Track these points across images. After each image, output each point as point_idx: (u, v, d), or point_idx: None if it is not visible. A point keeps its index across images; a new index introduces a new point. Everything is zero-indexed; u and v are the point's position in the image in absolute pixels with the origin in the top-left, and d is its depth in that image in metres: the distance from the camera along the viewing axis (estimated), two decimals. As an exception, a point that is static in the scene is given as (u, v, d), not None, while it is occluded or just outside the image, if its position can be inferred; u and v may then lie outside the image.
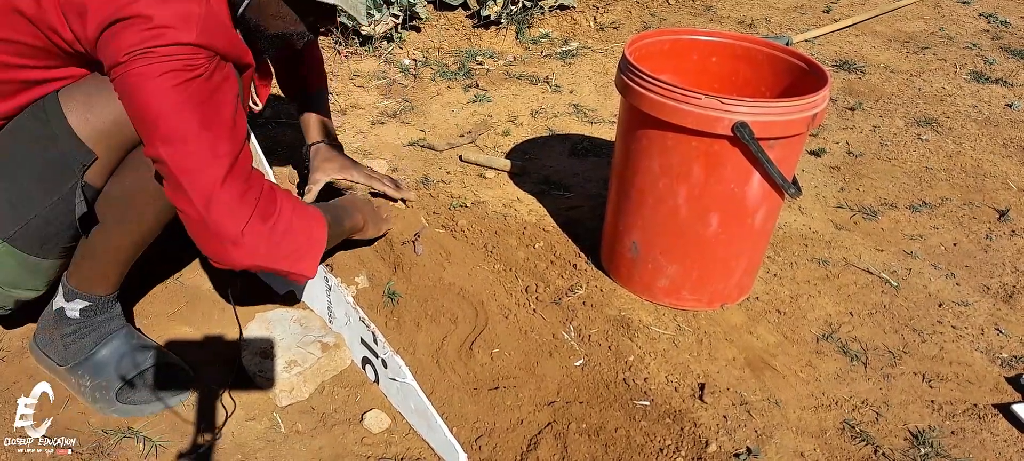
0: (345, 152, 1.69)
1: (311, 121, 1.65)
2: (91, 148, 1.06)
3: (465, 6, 3.03)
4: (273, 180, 1.36)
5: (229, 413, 1.20)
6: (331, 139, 1.66)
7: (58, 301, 1.20)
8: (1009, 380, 1.39)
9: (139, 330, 1.32)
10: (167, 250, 1.56)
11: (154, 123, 0.98)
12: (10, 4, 0.99)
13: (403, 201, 1.67)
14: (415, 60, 2.76)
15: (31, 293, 1.17)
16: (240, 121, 1.07)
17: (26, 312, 1.36)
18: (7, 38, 1.02)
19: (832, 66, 2.88)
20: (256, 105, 1.39)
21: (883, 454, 1.22)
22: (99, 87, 1.05)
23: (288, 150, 2.07)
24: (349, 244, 1.50)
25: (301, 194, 1.64)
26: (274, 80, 1.56)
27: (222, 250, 1.06)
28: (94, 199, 1.10)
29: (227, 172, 1.03)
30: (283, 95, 1.71)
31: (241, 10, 1.12)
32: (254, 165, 1.12)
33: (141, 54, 0.95)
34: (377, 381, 1.28)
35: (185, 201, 1.03)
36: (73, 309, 1.19)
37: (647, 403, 1.30)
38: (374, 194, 1.64)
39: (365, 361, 1.29)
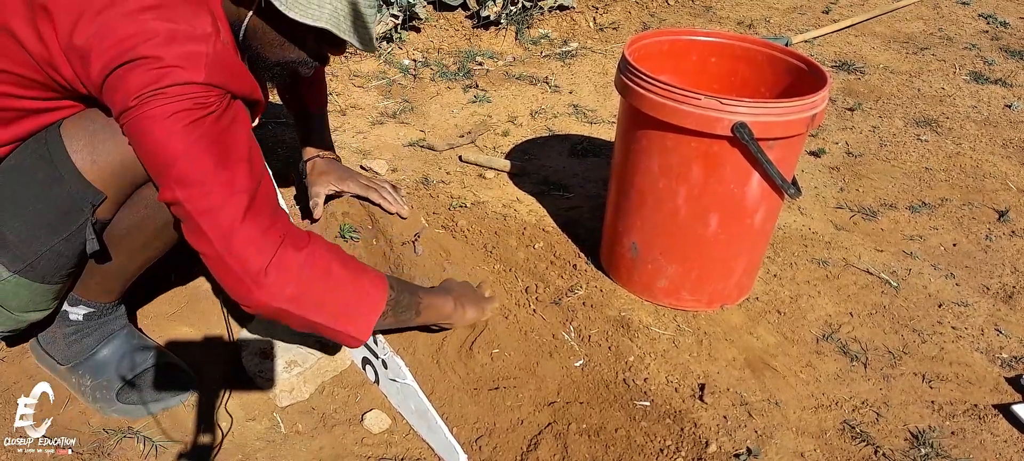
0: (343, 161, 1.66)
1: (309, 138, 1.63)
2: (100, 189, 1.04)
3: (465, 6, 3.04)
4: (286, 209, 1.34)
5: (224, 432, 1.20)
6: (327, 152, 1.63)
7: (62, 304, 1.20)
8: (1009, 380, 1.39)
9: (140, 330, 1.32)
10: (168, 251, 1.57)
11: (168, 166, 0.96)
12: (12, 37, 0.97)
13: (399, 216, 1.62)
14: (415, 60, 2.76)
15: (42, 313, 1.16)
16: (256, 157, 1.04)
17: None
18: (6, 69, 1.00)
19: (831, 67, 2.89)
20: (252, 122, 1.38)
21: (883, 454, 1.22)
22: (103, 126, 1.03)
23: (288, 149, 2.07)
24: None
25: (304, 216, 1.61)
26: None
27: (246, 290, 1.01)
28: (103, 230, 1.09)
29: (247, 207, 0.99)
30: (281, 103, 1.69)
31: (241, 36, 1.10)
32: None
33: (150, 96, 0.93)
34: (377, 381, 1.28)
35: (205, 243, 0.99)
36: (76, 313, 1.20)
37: (647, 403, 1.30)
38: (361, 198, 1.59)
39: (365, 361, 1.29)
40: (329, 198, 1.58)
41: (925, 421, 1.30)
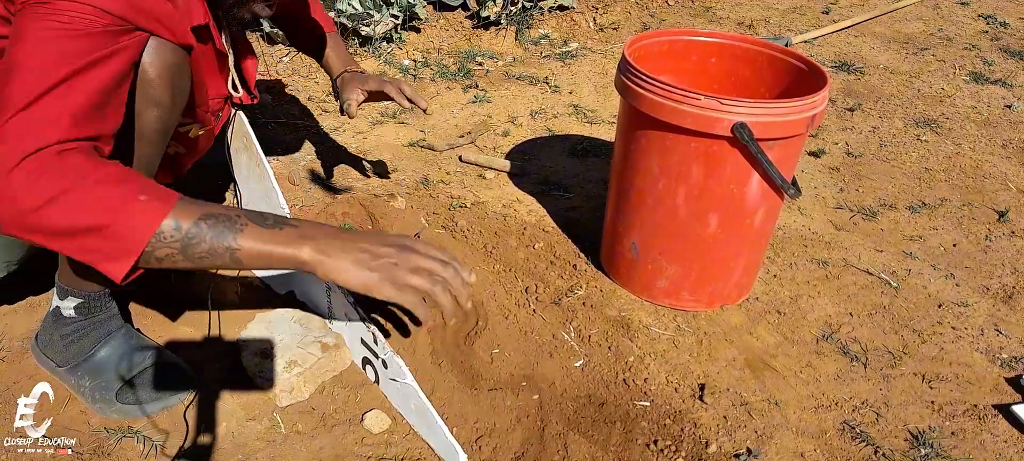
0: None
1: (330, 59, 1.68)
2: None
3: (465, 7, 3.04)
4: (286, 209, 1.33)
5: (224, 432, 1.20)
6: (353, 66, 1.69)
7: (54, 300, 1.20)
8: (1009, 380, 1.39)
9: (138, 330, 1.32)
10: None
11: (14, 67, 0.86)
12: None
13: (423, 111, 1.62)
14: (415, 61, 2.76)
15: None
16: (113, 104, 0.92)
17: (27, 312, 1.36)
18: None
19: (831, 67, 2.89)
20: (236, 92, 1.36)
21: (883, 455, 1.22)
22: None
23: (288, 149, 2.07)
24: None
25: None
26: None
27: None
28: None
29: (47, 121, 0.84)
30: (298, 51, 1.76)
31: None
32: (270, 200, 1.07)
33: (37, 3, 0.87)
34: (377, 381, 1.28)
35: None
36: (67, 307, 1.18)
37: (647, 403, 1.30)
38: (377, 95, 1.61)
39: (365, 361, 1.29)
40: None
41: (925, 421, 1.30)
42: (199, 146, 1.29)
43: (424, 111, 1.59)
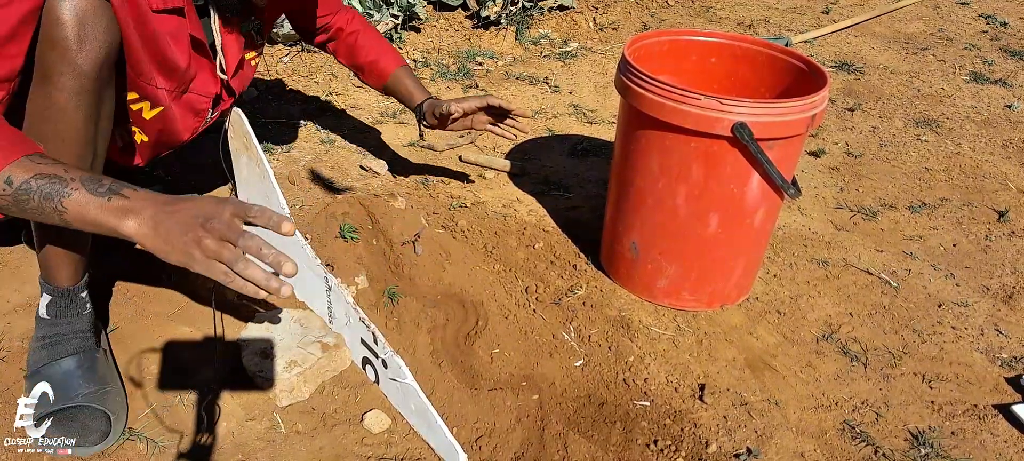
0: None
1: (409, 92, 1.74)
2: None
3: (465, 7, 3.04)
4: (286, 208, 1.32)
5: (224, 432, 1.20)
6: (431, 95, 1.75)
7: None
8: (1009, 380, 1.39)
9: (106, 351, 1.24)
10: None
11: None
12: None
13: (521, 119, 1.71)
14: (415, 61, 2.76)
15: None
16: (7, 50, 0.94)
17: (27, 312, 1.36)
18: None
19: (831, 67, 2.89)
20: (223, 74, 1.34)
21: (883, 454, 1.22)
22: None
23: (285, 149, 2.07)
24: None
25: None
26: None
27: None
28: None
29: None
30: (371, 87, 1.81)
31: None
32: (267, 198, 1.05)
33: None
34: (377, 381, 1.28)
35: None
36: (42, 305, 1.15)
37: (647, 403, 1.30)
38: (490, 109, 1.69)
39: (365, 361, 1.29)
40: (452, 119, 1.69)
41: (925, 421, 1.30)
42: (164, 134, 1.26)
43: (517, 123, 1.71)
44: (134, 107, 1.18)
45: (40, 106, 1.00)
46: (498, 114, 1.70)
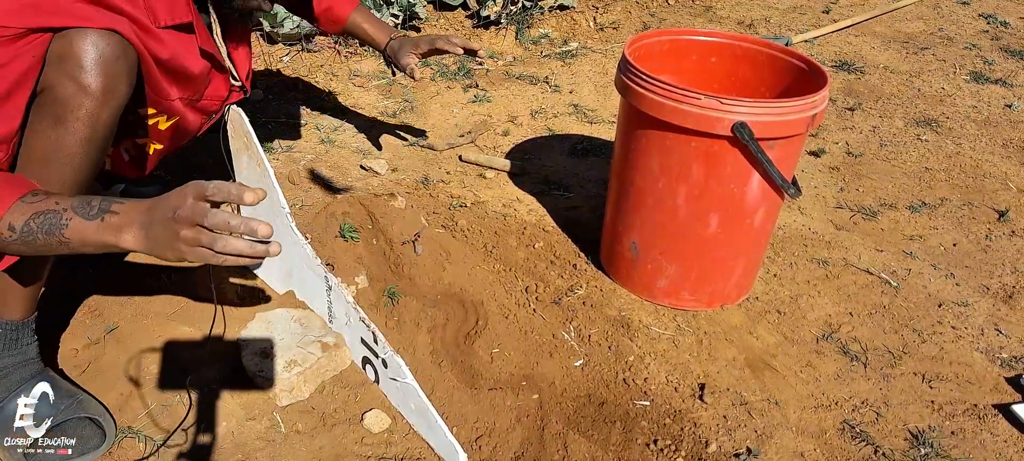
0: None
1: (369, 31, 1.77)
2: None
3: (465, 6, 3.04)
4: (286, 208, 1.31)
5: (224, 432, 1.20)
6: (394, 32, 1.79)
7: None
8: (1009, 380, 1.39)
9: (61, 371, 1.24)
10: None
11: None
12: None
13: (476, 53, 1.77)
14: (415, 60, 2.76)
15: None
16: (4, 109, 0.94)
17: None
18: None
19: (831, 66, 2.88)
20: (236, 81, 1.34)
21: (883, 454, 1.22)
22: None
23: (285, 149, 2.07)
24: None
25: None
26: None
27: None
28: None
29: None
30: (324, 31, 1.86)
31: None
32: (272, 204, 1.05)
33: None
34: (377, 381, 1.28)
35: None
36: None
37: (647, 403, 1.30)
38: (431, 52, 1.76)
39: (365, 361, 1.29)
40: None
41: (925, 421, 1.30)
42: (176, 139, 1.26)
43: (476, 53, 1.76)
44: (151, 122, 1.19)
45: (46, 148, 0.99)
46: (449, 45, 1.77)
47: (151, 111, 1.17)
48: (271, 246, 0.92)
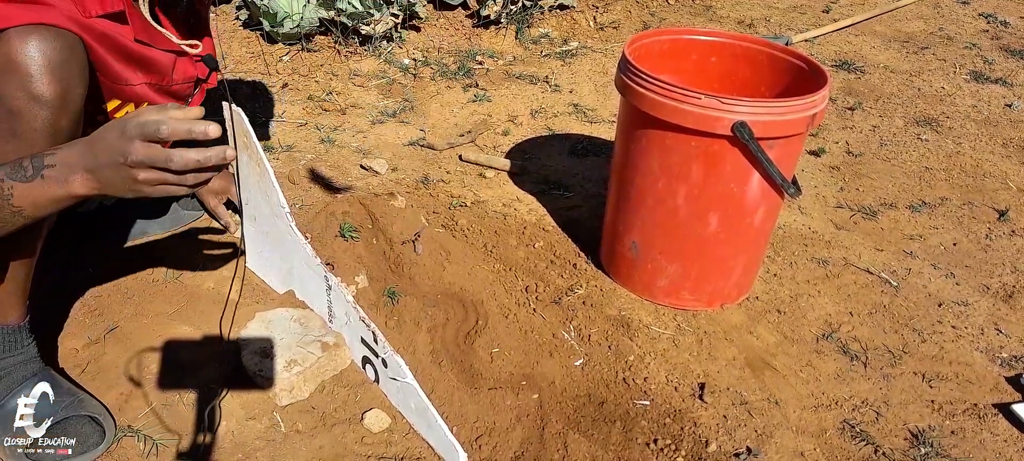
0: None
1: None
2: None
3: (465, 6, 3.04)
4: (286, 207, 1.30)
5: (224, 432, 1.20)
6: None
7: None
8: (1009, 380, 1.39)
9: (62, 371, 1.24)
10: (167, 250, 1.57)
11: None
12: None
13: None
14: (415, 60, 2.76)
15: None
16: None
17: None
18: None
19: (832, 66, 2.88)
20: (194, 51, 1.26)
21: (883, 454, 1.22)
22: None
23: (285, 149, 2.07)
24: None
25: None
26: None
27: None
28: None
29: None
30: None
31: None
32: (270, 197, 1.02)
33: None
34: (377, 380, 1.28)
35: None
36: None
37: (647, 403, 1.30)
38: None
39: (365, 360, 1.29)
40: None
41: (925, 421, 1.30)
42: None
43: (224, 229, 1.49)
44: (119, 115, 1.14)
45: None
46: None
47: (114, 104, 1.13)
48: (210, 127, 0.86)
